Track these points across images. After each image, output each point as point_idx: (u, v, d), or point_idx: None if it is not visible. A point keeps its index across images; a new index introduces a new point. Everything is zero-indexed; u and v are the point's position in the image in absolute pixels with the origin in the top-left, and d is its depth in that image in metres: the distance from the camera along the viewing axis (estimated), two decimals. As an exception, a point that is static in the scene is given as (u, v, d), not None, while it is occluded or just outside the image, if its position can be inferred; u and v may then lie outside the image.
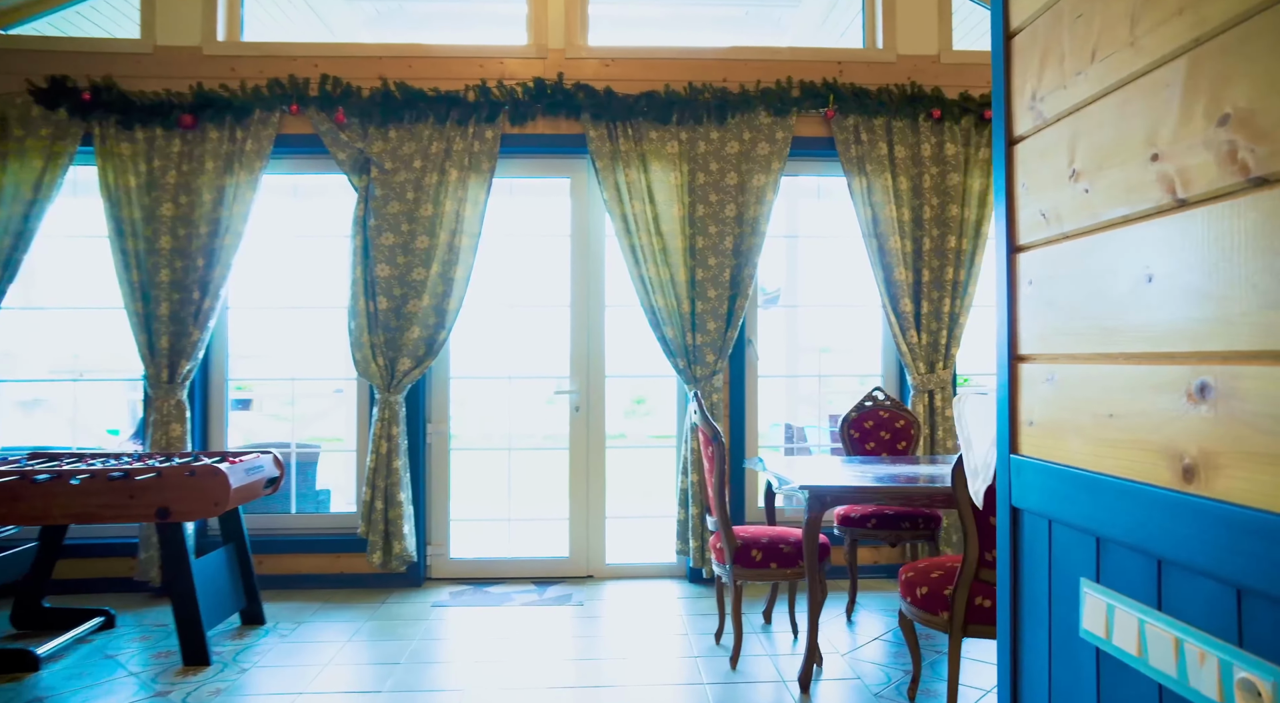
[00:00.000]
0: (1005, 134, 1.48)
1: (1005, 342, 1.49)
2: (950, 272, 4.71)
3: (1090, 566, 1.22)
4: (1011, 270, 1.47)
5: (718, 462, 3.42)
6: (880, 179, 4.70)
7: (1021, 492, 1.43)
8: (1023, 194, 1.44)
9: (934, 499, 3.06)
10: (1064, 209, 1.31)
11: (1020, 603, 1.44)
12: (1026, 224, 1.43)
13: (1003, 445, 1.49)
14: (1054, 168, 1.34)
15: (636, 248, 4.59)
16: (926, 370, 4.74)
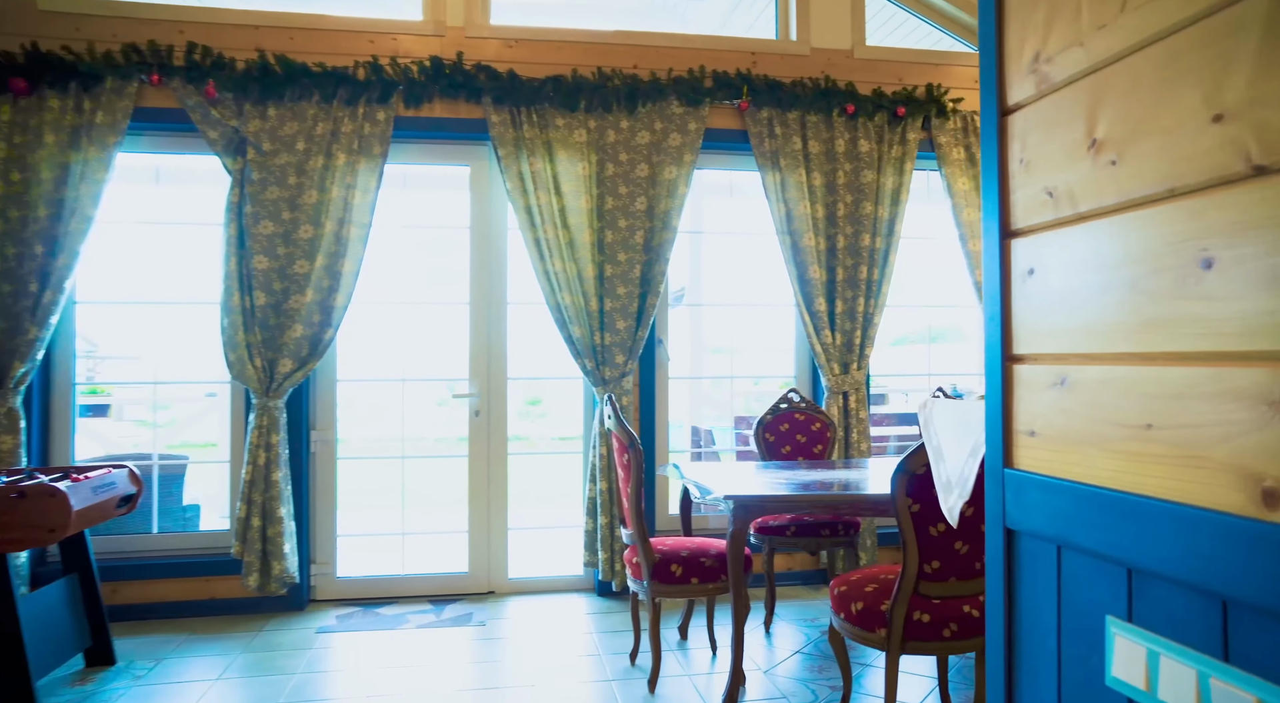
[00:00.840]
0: (997, 104, 1.30)
1: (996, 340, 1.30)
2: (864, 270, 4.63)
3: (1119, 602, 1.04)
4: (1004, 259, 1.29)
5: (634, 470, 3.18)
6: (794, 174, 4.57)
7: (1019, 512, 1.24)
8: (1019, 172, 1.26)
9: (870, 509, 2.92)
10: (1080, 186, 1.13)
11: (1017, 640, 1.25)
12: (1025, 205, 1.24)
13: (993, 458, 1.30)
14: (1066, 139, 1.15)
15: (542, 242, 4.31)
16: (840, 371, 4.65)
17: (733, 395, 5.29)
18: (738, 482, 3.22)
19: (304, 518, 4.23)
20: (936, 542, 2.46)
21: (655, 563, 3.17)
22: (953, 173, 4.76)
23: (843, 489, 3.11)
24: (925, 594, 2.47)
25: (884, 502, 2.87)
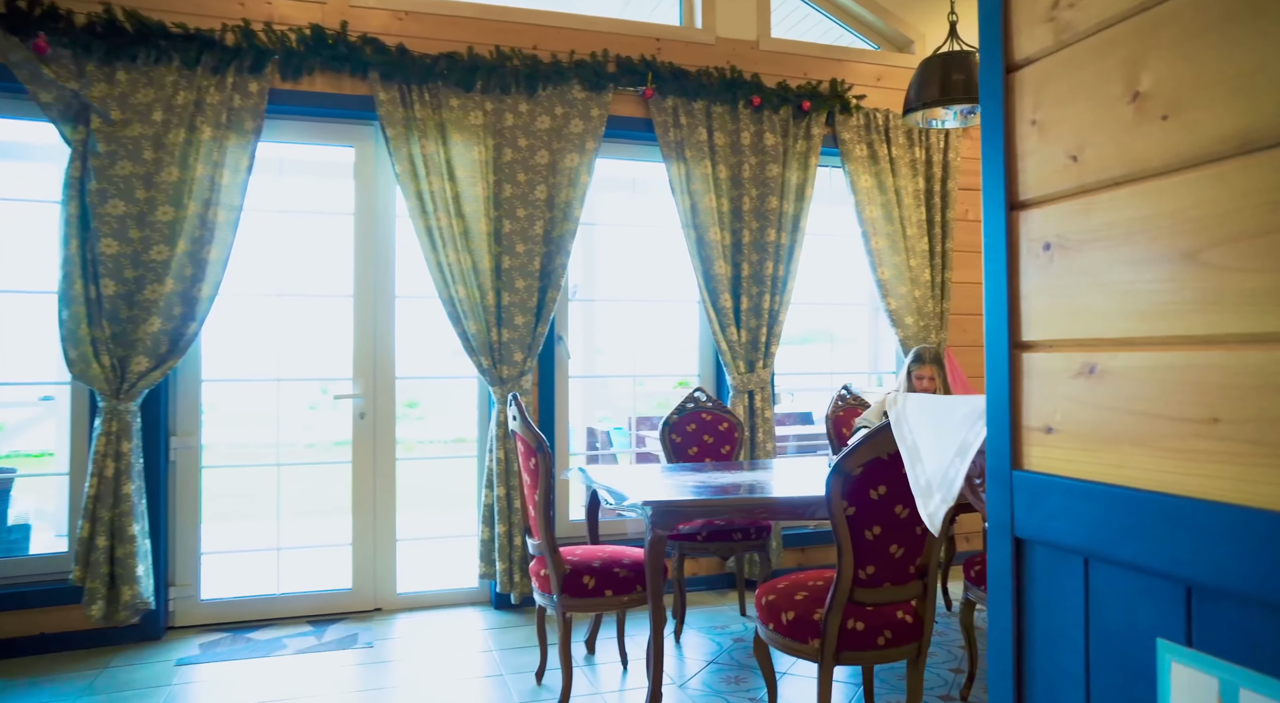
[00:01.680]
0: (1001, 59, 1.15)
1: (1000, 326, 1.15)
2: (770, 266, 4.54)
3: (1174, 623, 0.90)
4: (1010, 233, 1.14)
5: (543, 476, 2.94)
6: (700, 166, 4.43)
7: (1031, 519, 1.10)
8: (1031, 135, 1.11)
9: (791, 512, 2.78)
10: (1116, 147, 0.99)
11: (1028, 667, 1.11)
12: (1040, 172, 1.10)
13: (996, 458, 1.16)
14: (1096, 95, 1.01)
15: (434, 231, 3.99)
16: (746, 370, 4.54)
17: (635, 396, 5.11)
18: (650, 486, 3.04)
19: (161, 535, 3.75)
20: (872, 546, 2.35)
21: (566, 575, 2.94)
22: (856, 170, 4.74)
23: (752, 492, 2.98)
24: (860, 601, 2.35)
25: (813, 504, 2.75)
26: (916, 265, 4.82)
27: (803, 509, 2.77)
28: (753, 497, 2.83)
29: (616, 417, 7.27)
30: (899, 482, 2.32)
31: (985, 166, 1.18)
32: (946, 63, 3.27)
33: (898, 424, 1.46)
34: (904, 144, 4.84)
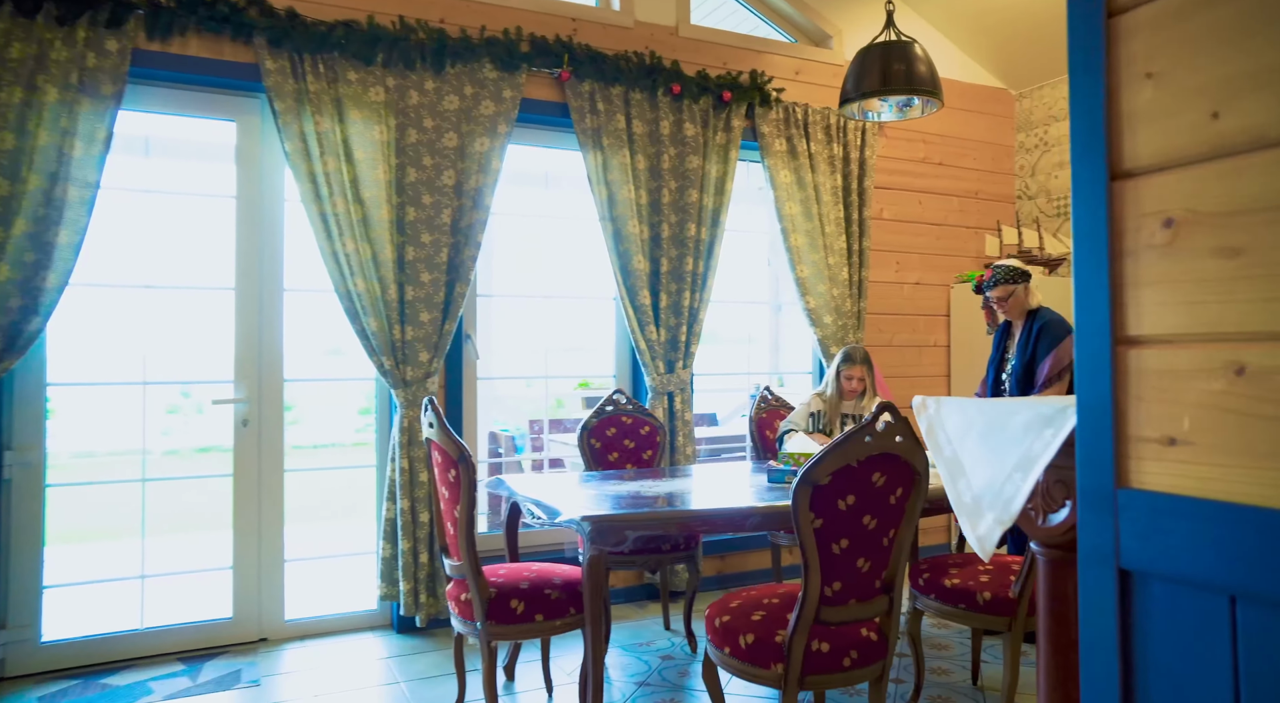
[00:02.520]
0: (1103, 1, 0.96)
1: (1098, 317, 0.97)
2: (690, 262, 4.35)
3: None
4: (1113, 208, 0.96)
5: (464, 489, 2.63)
6: (618, 155, 4.20)
7: (1146, 547, 0.92)
8: (1145, 89, 0.93)
9: (731, 524, 2.59)
10: (1275, 99, 0.81)
11: (1143, 722, 0.92)
12: (1160, 134, 0.92)
13: (1092, 474, 0.97)
14: (1250, 33, 0.83)
15: (329, 217, 3.59)
16: (665, 370, 4.34)
17: (533, 399, 4.82)
18: (582, 499, 2.78)
19: (-2, 567, 3.20)
20: (839, 561, 2.17)
21: (491, 600, 2.64)
22: (775, 164, 4.62)
23: (687, 502, 2.77)
24: (826, 620, 2.18)
25: (770, 515, 2.56)
26: (835, 263, 4.74)
27: (768, 519, 2.57)
28: (705, 509, 2.61)
29: (512, 420, 6.94)
30: (870, 492, 2.16)
31: (1076, 132, 1.00)
32: (886, 52, 3.16)
33: (931, 433, 1.27)
34: (822, 140, 4.76)
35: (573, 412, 7.11)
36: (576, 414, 7.00)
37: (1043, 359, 3.43)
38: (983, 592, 2.66)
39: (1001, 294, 3.55)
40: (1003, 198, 5.44)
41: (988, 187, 5.38)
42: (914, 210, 5.14)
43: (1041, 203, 5.31)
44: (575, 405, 7.48)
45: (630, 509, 2.58)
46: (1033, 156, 5.36)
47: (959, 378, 5.15)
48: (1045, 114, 5.28)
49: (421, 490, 3.73)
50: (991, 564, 2.84)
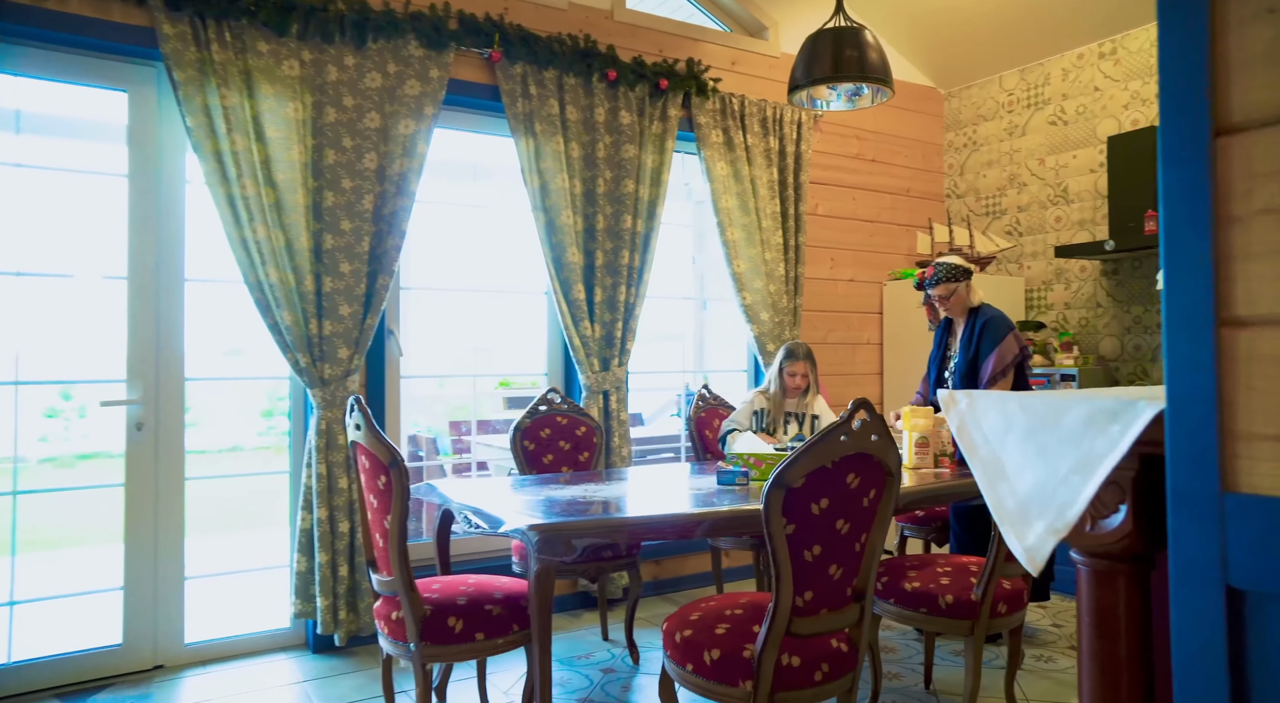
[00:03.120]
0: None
1: (1200, 296, 0.84)
2: (625, 255, 4.18)
3: None
4: (1216, 167, 0.83)
5: (397, 497, 2.38)
6: (551, 142, 3.99)
7: (1264, 563, 0.79)
8: (1264, 26, 0.80)
9: (677, 530, 2.42)
10: None
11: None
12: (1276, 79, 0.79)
13: (1190, 475, 0.84)
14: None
15: (238, 200, 3.27)
16: (600, 368, 4.15)
17: (475, 397, 4.56)
18: (522, 506, 2.58)
19: None
20: (811, 568, 2.04)
21: (426, 619, 2.40)
22: (712, 156, 4.49)
23: (627, 509, 2.60)
24: (796, 632, 2.03)
25: (735, 521, 2.41)
26: (772, 259, 4.65)
27: (717, 525, 2.42)
28: (661, 515, 2.44)
29: (428, 421, 6.63)
30: (843, 494, 2.03)
31: (1167, 83, 0.86)
32: (838, 38, 3.06)
33: (963, 431, 1.13)
34: (759, 132, 4.66)
35: (492, 412, 6.84)
36: (498, 415, 6.74)
37: (986, 356, 3.40)
38: (944, 595, 2.58)
39: (944, 292, 3.51)
40: (932, 196, 5.47)
41: (918, 184, 5.40)
42: (848, 206, 5.11)
43: (970, 201, 5.35)
44: (496, 405, 7.21)
45: (578, 517, 2.39)
46: (961, 156, 5.41)
47: (892, 375, 5.14)
48: (974, 113, 5.33)
49: (341, 498, 3.44)
50: (949, 565, 2.76)
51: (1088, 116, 4.70)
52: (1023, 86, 5.03)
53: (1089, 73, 4.70)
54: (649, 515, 2.43)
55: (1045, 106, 4.91)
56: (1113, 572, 1.10)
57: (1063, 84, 4.82)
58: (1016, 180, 5.07)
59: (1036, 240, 4.97)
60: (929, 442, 3.28)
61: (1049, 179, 4.90)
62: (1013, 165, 5.09)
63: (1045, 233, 4.92)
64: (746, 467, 3.07)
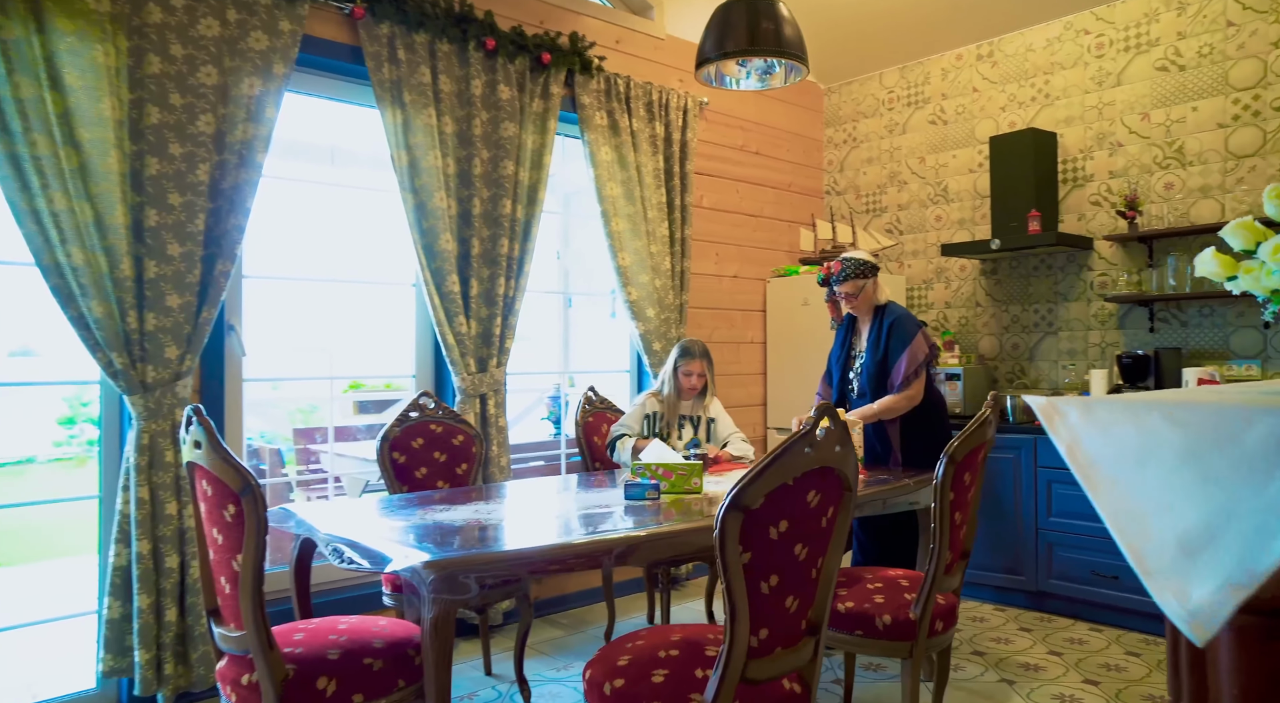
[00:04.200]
0: None
1: None
2: (505, 244, 3.78)
3: None
4: None
5: (252, 533, 1.90)
6: (422, 115, 3.53)
7: None
8: None
9: (649, 554, 2.09)
10: None
11: None
12: None
13: None
14: None
15: (25, 160, 2.64)
16: (477, 369, 3.73)
17: (330, 400, 4.00)
18: (396, 533, 2.16)
19: None
20: (767, 602, 1.75)
21: (288, 681, 1.93)
22: (596, 140, 4.16)
23: (535, 535, 2.25)
24: (752, 678, 1.74)
25: (671, 543, 2.09)
26: (658, 252, 4.38)
27: (647, 550, 2.09)
28: (592, 541, 2.08)
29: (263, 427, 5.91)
30: (804, 514, 1.76)
31: None
32: (753, 8, 2.80)
33: (1078, 450, 0.86)
34: (644, 117, 4.37)
35: (342, 418, 6.20)
36: (349, 421, 6.12)
37: (898, 356, 3.26)
38: (881, 615, 2.37)
39: (851, 289, 3.35)
40: (813, 192, 5.38)
41: (800, 180, 5.29)
42: (732, 199, 4.92)
43: (851, 198, 5.30)
44: (345, 410, 6.57)
45: (481, 549, 2.00)
46: (841, 152, 5.35)
47: (775, 376, 4.99)
48: (853, 110, 5.27)
49: (169, 527, 2.86)
50: (878, 580, 2.57)
51: (967, 117, 4.73)
52: (903, 85, 5.02)
53: (968, 74, 4.72)
54: (572, 542, 2.06)
55: (925, 105, 4.91)
56: (1270, 629, 0.86)
57: (942, 84, 4.84)
58: (897, 178, 5.05)
59: (917, 239, 4.97)
60: (840, 446, 3.10)
61: (929, 178, 4.90)
62: (893, 163, 5.07)
63: (925, 231, 4.93)
64: (655, 479, 2.77)
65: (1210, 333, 3.89)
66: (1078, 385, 4.26)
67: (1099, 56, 4.23)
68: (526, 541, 2.13)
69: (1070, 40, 4.32)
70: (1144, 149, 4.09)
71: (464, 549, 1.99)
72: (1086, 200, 4.28)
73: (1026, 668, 3.21)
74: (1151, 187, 4.06)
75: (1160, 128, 4.03)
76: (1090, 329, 4.26)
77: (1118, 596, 3.61)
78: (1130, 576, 3.55)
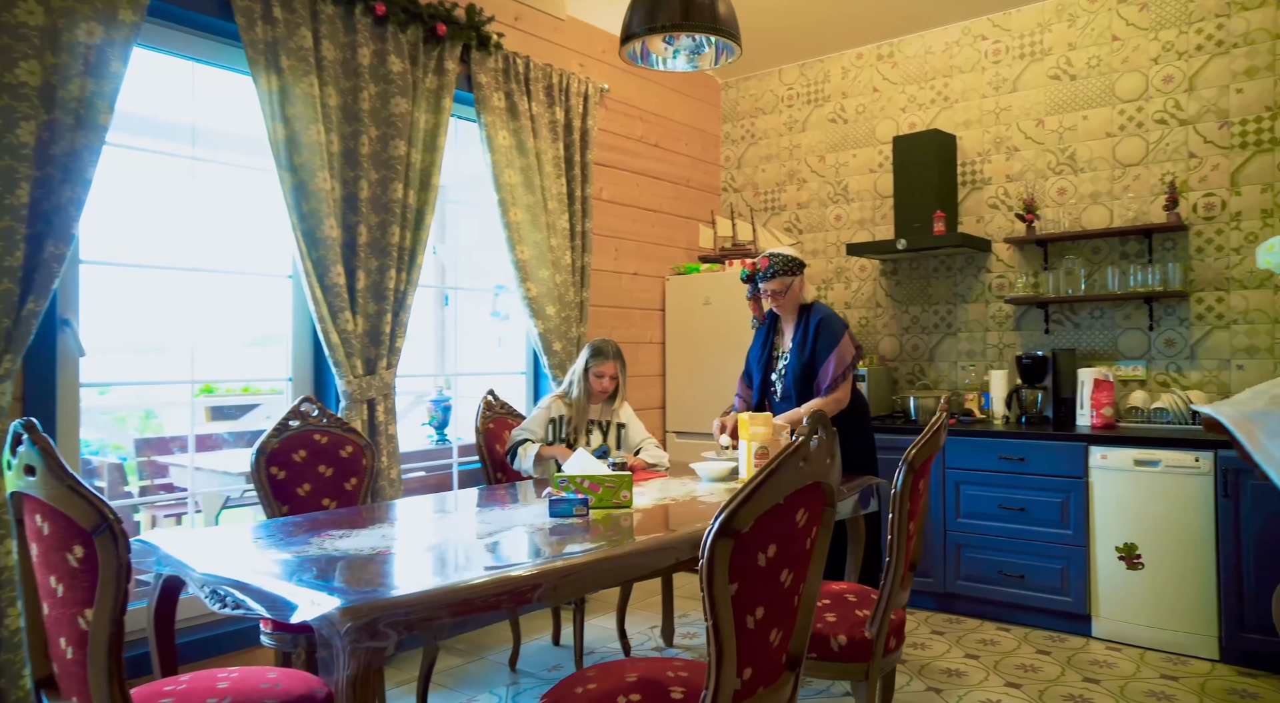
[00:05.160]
0: None
1: None
2: (395, 232, 3.40)
3: None
4: None
5: (107, 582, 1.50)
6: (302, 84, 3.12)
7: None
8: None
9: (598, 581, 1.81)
10: None
11: None
12: None
13: None
14: None
15: None
16: (364, 371, 3.34)
17: (190, 407, 3.48)
18: (290, 570, 1.81)
19: None
20: (753, 637, 1.53)
21: (157, 764, 1.55)
22: (493, 122, 3.84)
23: (462, 564, 1.96)
24: (732, 728, 1.51)
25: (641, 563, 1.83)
26: (558, 246, 4.10)
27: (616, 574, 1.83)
28: (542, 568, 1.78)
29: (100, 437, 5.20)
30: (791, 536, 1.55)
31: None
32: (685, -21, 2.59)
33: None
34: (544, 101, 4.09)
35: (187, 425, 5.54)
36: (203, 429, 5.48)
37: (825, 358, 3.14)
38: (836, 635, 2.20)
39: (779, 287, 3.20)
40: (711, 188, 5.25)
41: (698, 175, 5.14)
42: (631, 193, 4.70)
43: (749, 195, 5.20)
44: (196, 417, 5.89)
45: (408, 590, 1.68)
46: (739, 148, 5.24)
47: (674, 377, 4.81)
48: (751, 106, 5.18)
49: (-16, 567, 2.34)
50: (826, 598, 2.41)
51: (867, 116, 4.72)
52: (803, 82, 4.96)
53: (868, 73, 4.71)
54: (515, 575, 1.76)
55: (825, 103, 4.87)
56: None
57: (843, 82, 4.80)
58: (796, 176, 4.99)
59: (817, 238, 4.92)
60: (769, 452, 2.94)
61: (829, 177, 4.86)
62: (792, 161, 5.00)
63: (825, 231, 4.88)
64: (581, 492, 2.51)
65: (1100, 335, 4.01)
66: (977, 386, 4.31)
67: (996, 62, 4.29)
68: (459, 573, 1.82)
69: (969, 45, 4.37)
70: (1039, 154, 4.18)
71: (382, 589, 1.66)
72: (985, 203, 4.34)
73: (949, 674, 3.15)
74: (1046, 191, 4.15)
75: (1054, 134, 4.13)
76: (988, 330, 4.32)
77: (1023, 594, 3.64)
78: (1036, 574, 3.59)
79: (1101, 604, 3.46)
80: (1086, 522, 3.49)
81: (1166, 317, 3.84)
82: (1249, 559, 3.12)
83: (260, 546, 2.05)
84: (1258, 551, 3.10)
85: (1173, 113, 3.83)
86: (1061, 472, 3.54)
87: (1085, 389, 3.78)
